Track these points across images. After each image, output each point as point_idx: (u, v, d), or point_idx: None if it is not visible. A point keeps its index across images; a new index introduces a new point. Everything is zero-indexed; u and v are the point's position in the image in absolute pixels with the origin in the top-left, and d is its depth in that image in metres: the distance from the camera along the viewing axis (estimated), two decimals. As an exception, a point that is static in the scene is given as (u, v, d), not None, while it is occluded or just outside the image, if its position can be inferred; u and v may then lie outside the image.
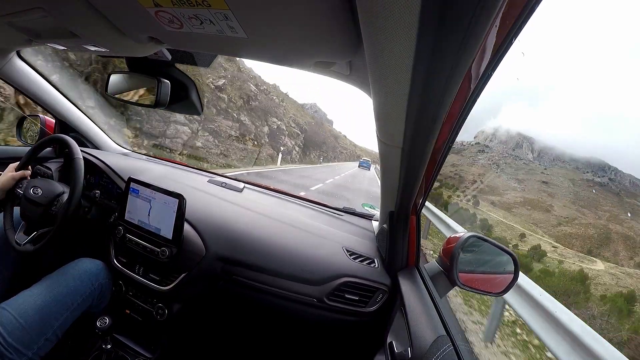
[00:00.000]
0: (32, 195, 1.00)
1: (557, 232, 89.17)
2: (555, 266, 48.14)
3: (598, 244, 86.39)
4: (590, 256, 69.63)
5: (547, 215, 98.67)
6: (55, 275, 0.94)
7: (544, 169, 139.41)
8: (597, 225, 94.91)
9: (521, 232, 74.70)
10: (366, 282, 0.97)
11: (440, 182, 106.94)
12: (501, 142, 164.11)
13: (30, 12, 0.59)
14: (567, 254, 65.57)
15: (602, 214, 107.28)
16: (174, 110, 0.93)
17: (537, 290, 2.28)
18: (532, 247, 59.89)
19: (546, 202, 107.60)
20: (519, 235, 71.89)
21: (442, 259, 0.90)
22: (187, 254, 0.99)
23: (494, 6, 0.26)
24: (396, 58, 0.34)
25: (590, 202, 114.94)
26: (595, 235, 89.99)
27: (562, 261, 55.96)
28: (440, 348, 0.61)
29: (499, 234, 67.98)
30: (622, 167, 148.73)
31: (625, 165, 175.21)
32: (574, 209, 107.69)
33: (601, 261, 65.07)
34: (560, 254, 63.57)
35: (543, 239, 77.83)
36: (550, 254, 58.86)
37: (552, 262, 52.19)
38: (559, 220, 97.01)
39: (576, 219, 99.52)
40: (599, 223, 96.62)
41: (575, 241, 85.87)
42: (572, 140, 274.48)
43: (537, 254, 51.93)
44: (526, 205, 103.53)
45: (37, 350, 0.80)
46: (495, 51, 0.36)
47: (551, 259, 54.93)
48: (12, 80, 1.22)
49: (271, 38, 0.47)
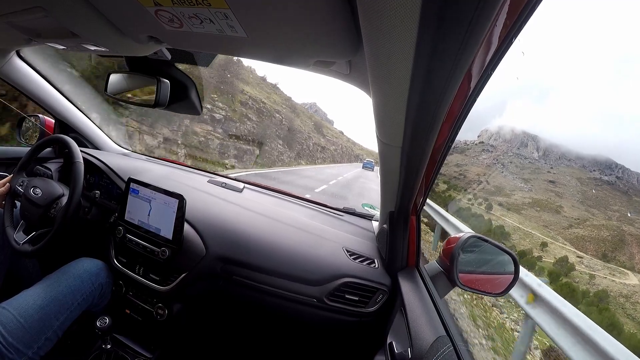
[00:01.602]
0: (32, 196, 1.00)
1: (569, 234, 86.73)
2: (586, 281, 44.34)
3: (612, 247, 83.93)
4: (612, 264, 65.64)
5: (557, 217, 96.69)
6: (56, 275, 0.94)
7: (550, 168, 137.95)
8: (609, 227, 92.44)
9: (541, 240, 70.78)
10: (366, 283, 0.97)
11: (447, 185, 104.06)
12: (505, 141, 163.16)
13: (30, 11, 0.59)
14: (594, 264, 62.58)
15: (612, 213, 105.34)
16: (173, 110, 0.93)
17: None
18: (559, 259, 56.21)
19: (555, 203, 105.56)
20: (540, 245, 68.30)
21: (442, 259, 0.90)
22: (187, 254, 0.99)
23: (494, 6, 0.26)
24: (396, 57, 0.34)
25: (599, 202, 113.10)
26: (609, 237, 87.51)
27: (592, 275, 52.09)
28: (440, 348, 0.61)
29: (517, 243, 64.44)
30: (629, 165, 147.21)
31: (632, 162, 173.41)
32: (582, 209, 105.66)
33: (632, 273, 61.36)
34: (588, 265, 60.30)
35: (565, 247, 74.31)
36: (577, 266, 55.58)
37: (581, 277, 48.46)
38: (569, 221, 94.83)
39: (587, 220, 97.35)
40: (611, 224, 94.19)
41: (589, 245, 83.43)
42: (577, 138, 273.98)
43: (564, 267, 48.83)
44: (535, 206, 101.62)
45: (37, 349, 0.80)
46: (495, 51, 0.36)
47: (580, 274, 51.35)
48: (11, 80, 1.22)
49: (271, 37, 0.47)
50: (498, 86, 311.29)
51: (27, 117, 1.41)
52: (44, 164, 1.27)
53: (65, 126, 1.43)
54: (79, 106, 1.44)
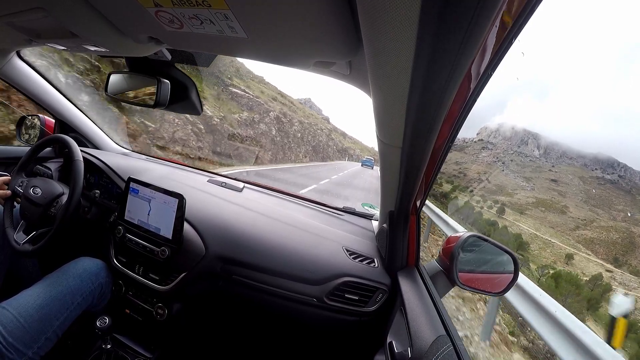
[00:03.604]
0: (32, 195, 1.00)
1: (577, 236, 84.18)
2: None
3: (623, 250, 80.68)
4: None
5: (563, 218, 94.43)
6: (56, 274, 0.94)
7: (551, 166, 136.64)
8: (618, 229, 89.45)
9: (566, 251, 64.58)
10: (366, 282, 0.97)
11: (451, 184, 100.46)
12: (505, 139, 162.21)
13: (30, 12, 0.59)
14: (628, 281, 58.62)
15: (617, 213, 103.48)
16: (173, 110, 0.93)
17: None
18: (592, 277, 50.41)
19: (560, 203, 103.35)
20: (565, 257, 62.85)
21: (441, 258, 0.90)
22: (186, 254, 0.99)
23: (494, 6, 0.26)
24: (396, 58, 0.34)
25: (603, 201, 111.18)
26: (619, 240, 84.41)
27: (631, 294, 46.47)
28: (440, 348, 0.61)
29: (538, 255, 59.39)
30: (631, 164, 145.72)
31: (634, 161, 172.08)
32: (587, 209, 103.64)
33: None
34: (621, 282, 55.86)
35: (591, 258, 69.46)
36: (611, 283, 50.33)
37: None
38: (576, 222, 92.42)
39: (594, 221, 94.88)
40: (619, 226, 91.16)
41: (599, 248, 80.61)
42: (578, 136, 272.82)
43: (599, 286, 42.14)
44: (539, 206, 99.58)
45: (37, 349, 0.80)
46: (495, 51, 0.36)
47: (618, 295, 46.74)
48: (11, 80, 1.22)
49: (271, 38, 0.47)
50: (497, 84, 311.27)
51: (27, 117, 1.41)
52: (44, 163, 1.27)
53: (65, 126, 1.43)
54: (79, 106, 1.44)
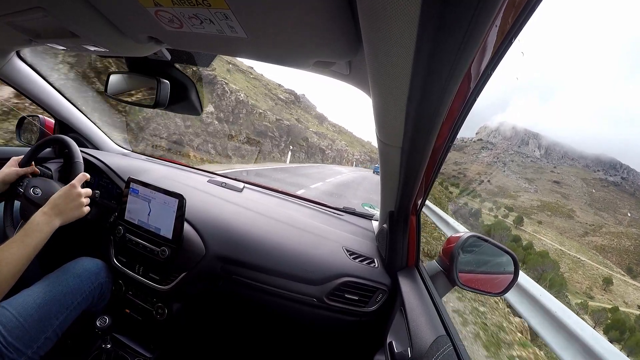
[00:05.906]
0: (32, 196, 0.99)
1: (586, 243, 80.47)
2: None
3: (637, 259, 75.94)
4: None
5: (570, 223, 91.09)
6: (56, 274, 0.93)
7: (553, 167, 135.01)
8: (629, 235, 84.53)
9: (599, 272, 54.92)
10: (366, 282, 0.97)
11: (456, 187, 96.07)
12: (505, 139, 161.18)
13: (30, 12, 0.59)
14: None
15: (622, 217, 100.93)
16: (173, 110, 0.93)
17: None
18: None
19: (566, 206, 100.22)
20: (602, 281, 54.03)
21: (442, 258, 0.90)
22: (186, 254, 0.99)
23: (494, 6, 0.26)
24: (396, 58, 0.34)
25: (608, 205, 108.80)
26: (632, 248, 79.99)
27: None
28: (440, 348, 0.61)
29: (569, 278, 45.80)
30: (634, 165, 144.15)
31: (636, 162, 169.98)
32: (592, 212, 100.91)
33: None
34: None
35: (630, 283, 62.09)
36: None
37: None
38: (584, 228, 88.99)
39: (603, 226, 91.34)
40: (630, 232, 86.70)
41: (611, 255, 76.97)
42: (579, 136, 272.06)
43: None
44: (545, 209, 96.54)
45: (37, 349, 0.80)
46: (495, 51, 0.36)
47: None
48: (11, 81, 1.22)
49: (271, 38, 0.47)
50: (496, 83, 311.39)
51: (26, 118, 1.41)
52: (44, 164, 1.27)
53: (65, 126, 1.43)
54: (79, 106, 1.44)
